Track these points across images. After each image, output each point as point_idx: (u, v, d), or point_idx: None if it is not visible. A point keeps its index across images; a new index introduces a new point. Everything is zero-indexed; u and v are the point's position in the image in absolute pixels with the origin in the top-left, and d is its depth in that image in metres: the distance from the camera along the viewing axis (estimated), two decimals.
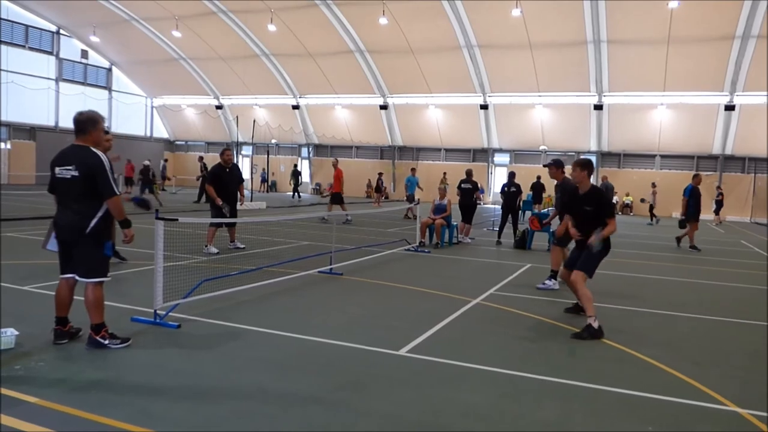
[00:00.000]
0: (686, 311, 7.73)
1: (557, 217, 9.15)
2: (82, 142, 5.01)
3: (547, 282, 8.99)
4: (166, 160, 31.90)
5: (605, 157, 34.13)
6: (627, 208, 32.97)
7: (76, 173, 4.85)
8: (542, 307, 7.55)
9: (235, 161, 12.77)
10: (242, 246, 11.54)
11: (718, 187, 28.26)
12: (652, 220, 26.35)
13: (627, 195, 33.38)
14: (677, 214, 31.12)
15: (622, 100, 31.54)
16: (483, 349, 5.63)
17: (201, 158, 29.17)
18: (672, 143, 32.04)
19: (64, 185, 4.93)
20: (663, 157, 32.77)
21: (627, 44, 28.14)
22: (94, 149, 4.97)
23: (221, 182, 11.04)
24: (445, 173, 24.15)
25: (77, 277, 5.00)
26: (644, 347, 5.82)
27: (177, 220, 6.11)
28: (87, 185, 4.86)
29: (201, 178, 24.38)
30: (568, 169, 8.75)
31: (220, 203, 10.84)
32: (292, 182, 33.49)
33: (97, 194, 4.88)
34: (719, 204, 26.66)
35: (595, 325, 6.21)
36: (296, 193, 32.88)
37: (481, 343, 5.86)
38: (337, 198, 17.67)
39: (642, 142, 32.64)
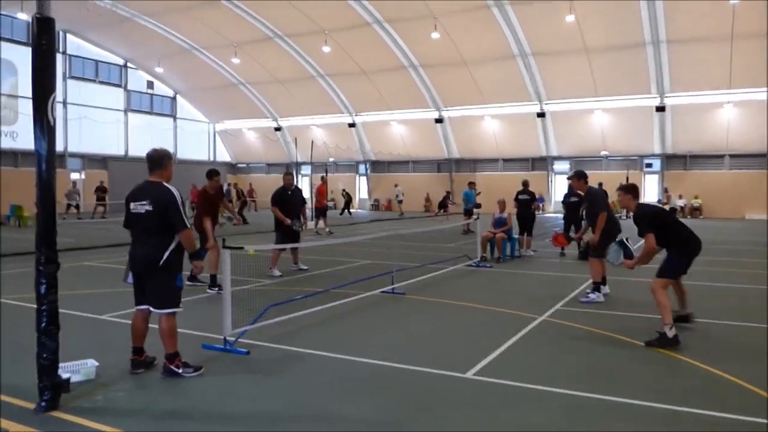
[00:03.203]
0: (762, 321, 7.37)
1: (590, 229, 9.17)
2: (156, 178, 5.26)
3: (590, 295, 8.79)
4: (231, 184, 32.81)
5: (670, 159, 33.02)
6: (696, 211, 31.71)
7: (150, 208, 5.10)
8: (611, 322, 7.34)
9: (295, 182, 12.98)
10: (305, 267, 11.74)
11: None
12: None
13: (696, 197, 32.12)
14: (751, 215, 29.96)
15: (685, 100, 30.49)
16: (552, 369, 5.53)
17: (234, 184, 30.37)
18: (741, 142, 30.64)
19: (139, 220, 5.18)
20: (732, 156, 31.39)
21: (687, 43, 27.23)
22: (167, 185, 5.22)
23: (285, 204, 11.30)
24: (471, 182, 23.12)
25: (151, 309, 5.22)
26: (724, 362, 5.58)
27: (243, 248, 6.29)
28: (160, 220, 5.09)
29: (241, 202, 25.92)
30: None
31: (289, 222, 11.09)
32: (343, 200, 34.54)
33: (170, 228, 5.11)
34: None
35: (670, 334, 6.13)
36: (346, 210, 33.48)
37: (549, 363, 5.76)
38: (321, 212, 20.71)
39: (709, 142, 31.38)
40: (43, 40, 4.27)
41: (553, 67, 31.08)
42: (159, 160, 5.29)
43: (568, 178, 12.23)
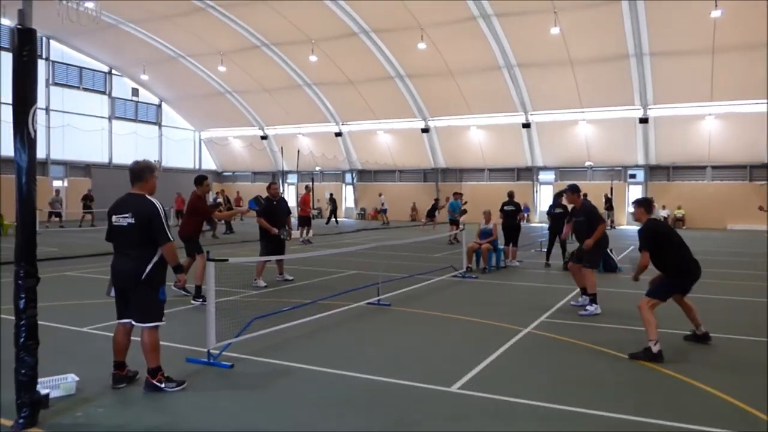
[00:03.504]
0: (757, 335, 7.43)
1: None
2: (139, 191, 5.21)
3: (589, 308, 8.82)
4: (219, 192, 32.54)
5: (654, 170, 33.36)
6: (679, 221, 32.03)
7: (132, 221, 5.05)
8: (596, 335, 7.36)
9: (281, 191, 12.91)
10: (291, 278, 11.67)
11: None
12: None
13: (679, 208, 32.45)
14: (733, 225, 30.32)
15: (668, 112, 30.87)
16: (537, 383, 5.52)
17: (220, 192, 30.05)
18: (723, 153, 31.08)
19: (121, 233, 5.12)
20: (714, 168, 31.80)
21: (670, 56, 27.60)
22: (149, 197, 5.17)
23: (271, 215, 11.24)
24: (456, 192, 23.23)
25: (133, 322, 5.15)
26: (712, 377, 5.62)
27: (227, 260, 6.24)
28: (143, 232, 5.04)
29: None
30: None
31: (276, 231, 11.04)
32: (329, 208, 34.17)
33: (152, 241, 5.05)
34: None
35: (655, 349, 6.19)
36: (332, 218, 33.31)
37: (534, 377, 5.75)
38: (305, 220, 21.00)
39: (691, 153, 31.77)
40: (25, 51, 4.22)
41: (539, 79, 31.33)
42: (139, 173, 5.24)
43: (562, 192, 12.40)
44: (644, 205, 7.13)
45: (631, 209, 7.55)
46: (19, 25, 4.21)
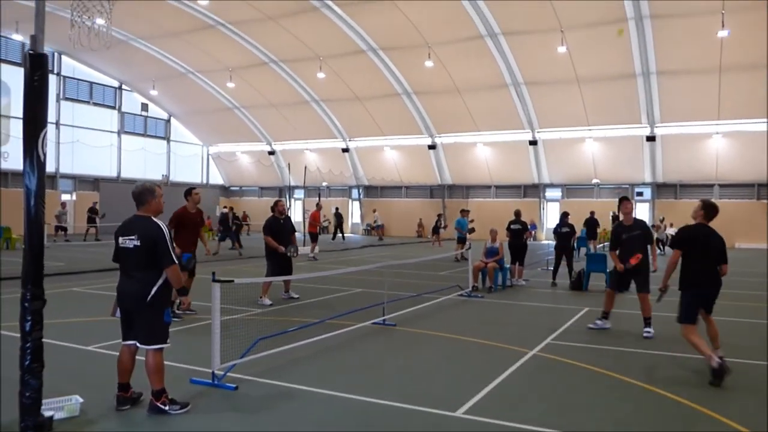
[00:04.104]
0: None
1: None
2: (144, 213, 5.25)
3: (597, 321, 8.81)
4: (228, 208, 32.57)
5: (661, 188, 33.27)
6: None
7: (138, 243, 5.07)
8: (603, 358, 7.30)
9: (288, 207, 12.89)
10: (296, 296, 11.65)
11: None
12: None
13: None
14: (740, 244, 30.13)
15: (675, 130, 30.84)
16: (543, 409, 5.48)
17: (230, 208, 30.04)
18: (730, 172, 31.00)
19: (127, 254, 5.14)
20: (722, 186, 31.68)
21: (677, 75, 27.64)
22: (155, 219, 5.20)
23: (278, 233, 11.24)
24: (463, 210, 23.30)
25: (138, 344, 5.16)
26: (724, 405, 5.55)
27: (233, 281, 6.25)
28: (148, 255, 5.06)
29: (234, 226, 25.78)
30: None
31: (283, 250, 11.03)
32: (334, 223, 34.25)
33: (158, 263, 5.07)
34: None
35: (713, 364, 6.17)
36: (338, 234, 33.33)
37: (540, 402, 5.71)
38: (314, 237, 21.44)
39: (698, 171, 31.69)
40: (36, 76, 4.28)
41: (546, 97, 31.41)
42: (139, 196, 5.26)
43: (567, 213, 12.73)
44: (705, 208, 7.08)
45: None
46: (31, 51, 4.27)
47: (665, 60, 27.08)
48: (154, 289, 5.05)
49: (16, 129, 30.67)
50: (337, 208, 36.50)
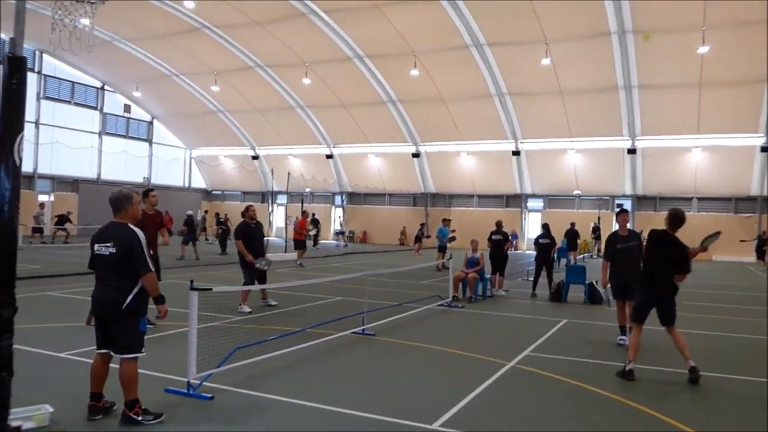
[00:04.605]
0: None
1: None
2: (120, 219, 5.18)
3: (623, 337, 8.96)
4: (206, 212, 32.43)
5: (641, 200, 33.65)
6: None
7: (113, 250, 5.00)
8: (580, 371, 7.33)
9: (270, 212, 12.83)
10: (274, 303, 11.58)
11: (764, 232, 27.64)
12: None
13: None
14: (718, 257, 30.50)
15: (655, 143, 31.26)
16: (520, 422, 5.49)
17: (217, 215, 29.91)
18: (709, 185, 31.48)
19: (103, 262, 5.07)
20: (700, 199, 32.13)
21: (658, 89, 28.04)
22: (131, 226, 5.13)
23: (249, 239, 11.22)
24: (445, 219, 23.46)
25: (112, 353, 5.08)
26: (696, 418, 5.60)
27: (211, 289, 6.19)
28: (124, 262, 4.99)
29: (222, 231, 25.69)
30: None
31: (252, 259, 10.96)
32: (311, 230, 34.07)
33: (134, 271, 5.00)
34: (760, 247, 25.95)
35: (627, 368, 6.94)
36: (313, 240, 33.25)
37: (517, 415, 5.72)
38: (300, 244, 21.22)
39: (678, 185, 32.13)
40: (14, 80, 4.21)
41: (529, 108, 31.67)
42: (116, 203, 5.19)
43: (547, 223, 12.80)
44: (669, 218, 7.28)
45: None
46: (9, 53, 4.21)
47: (647, 74, 27.45)
48: (130, 297, 4.99)
49: None
50: (313, 214, 36.31)
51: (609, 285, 9.34)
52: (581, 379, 6.92)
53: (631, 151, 31.47)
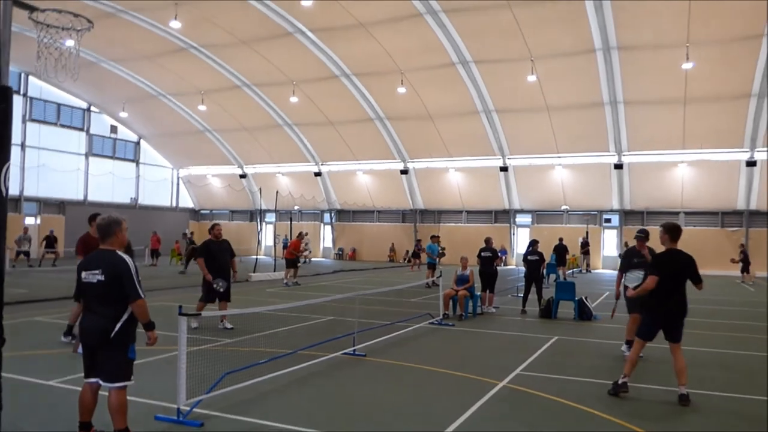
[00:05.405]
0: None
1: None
2: (108, 246, 5.13)
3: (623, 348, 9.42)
4: (192, 233, 32.21)
5: (628, 215, 33.89)
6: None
7: (102, 277, 4.95)
8: (572, 390, 7.32)
9: (260, 231, 12.89)
10: (231, 327, 11.26)
11: (742, 245, 27.93)
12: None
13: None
14: (705, 271, 30.66)
15: (641, 158, 31.58)
16: None
17: (185, 234, 29.67)
18: (696, 200, 31.77)
19: (91, 289, 5.02)
20: (687, 213, 32.40)
21: (643, 105, 28.39)
22: (119, 253, 5.09)
23: (210, 257, 11.26)
24: (434, 236, 23.65)
25: (101, 382, 5.02)
26: None
27: (200, 314, 6.14)
28: (113, 289, 4.94)
29: (192, 250, 25.51)
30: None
31: (211, 279, 10.98)
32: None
33: (123, 298, 4.95)
34: (745, 261, 26.15)
35: (620, 381, 7.03)
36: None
37: None
38: (291, 263, 21.22)
39: (665, 199, 32.41)
40: (0, 109, 4.20)
41: (516, 124, 31.93)
42: (106, 228, 5.14)
43: (536, 240, 12.97)
44: (669, 232, 7.24)
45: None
46: None
47: (632, 90, 27.79)
48: (119, 325, 4.93)
49: None
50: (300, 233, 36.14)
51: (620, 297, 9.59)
52: (573, 399, 6.90)
53: (618, 167, 31.76)
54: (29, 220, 33.39)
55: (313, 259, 37.13)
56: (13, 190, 32.17)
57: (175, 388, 5.80)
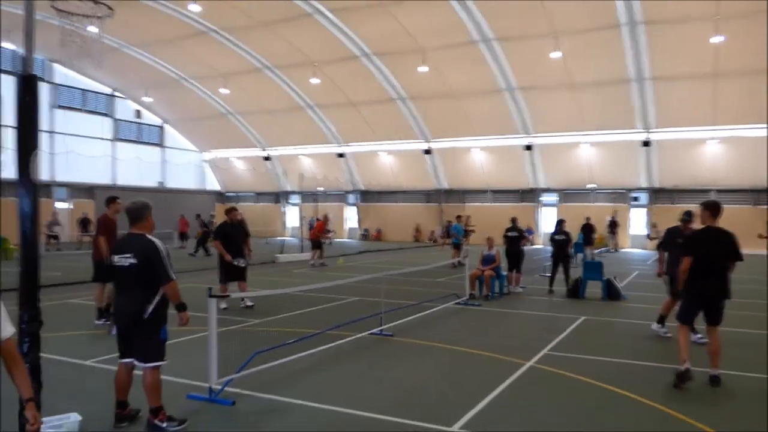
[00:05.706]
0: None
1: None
2: (139, 230, 5.23)
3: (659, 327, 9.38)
4: (212, 215, 32.51)
5: (657, 193, 33.30)
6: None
7: (134, 260, 5.05)
8: (601, 370, 7.28)
9: (283, 213, 13.13)
10: (251, 304, 11.65)
11: None
12: None
13: None
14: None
15: (670, 135, 30.93)
16: (540, 424, 5.48)
17: (198, 216, 29.83)
18: (726, 177, 30.98)
19: (123, 273, 5.12)
20: (719, 191, 31.68)
21: (672, 80, 27.71)
22: (149, 237, 5.18)
23: (227, 239, 11.64)
24: (459, 216, 23.49)
25: (135, 362, 5.14)
26: (723, 421, 5.56)
27: (229, 296, 6.23)
28: (145, 272, 5.04)
29: (203, 234, 25.84)
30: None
31: (230, 259, 11.39)
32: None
33: (154, 281, 5.05)
34: None
35: (681, 369, 6.52)
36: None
37: (537, 416, 5.71)
38: (316, 244, 21.48)
39: (695, 177, 31.71)
40: (27, 98, 4.26)
41: (540, 102, 31.48)
42: (137, 212, 5.26)
43: (563, 219, 12.91)
44: (710, 208, 7.02)
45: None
46: (21, 72, 4.26)
47: (660, 66, 27.16)
48: (151, 306, 5.04)
49: (5, 139, 30.54)
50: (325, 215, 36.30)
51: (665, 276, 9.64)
52: (602, 379, 6.87)
53: (646, 144, 31.17)
54: (61, 205, 34.01)
55: (336, 239, 37.26)
56: (44, 176, 32.76)
57: (207, 368, 5.92)
